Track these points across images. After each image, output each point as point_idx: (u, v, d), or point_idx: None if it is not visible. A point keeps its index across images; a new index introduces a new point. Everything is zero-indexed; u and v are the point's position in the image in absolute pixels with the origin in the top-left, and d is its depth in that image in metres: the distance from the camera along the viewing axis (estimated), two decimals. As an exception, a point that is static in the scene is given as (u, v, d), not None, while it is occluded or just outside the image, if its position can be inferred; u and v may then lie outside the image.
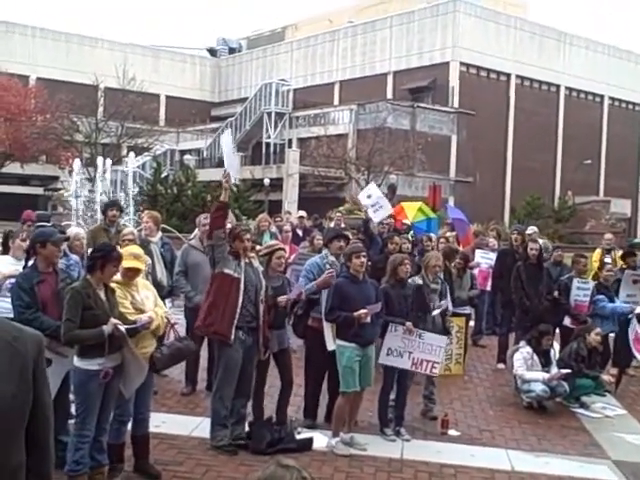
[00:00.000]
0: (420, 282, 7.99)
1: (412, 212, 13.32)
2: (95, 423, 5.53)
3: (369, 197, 11.24)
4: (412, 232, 12.80)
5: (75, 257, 7.79)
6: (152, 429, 6.37)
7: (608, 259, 12.80)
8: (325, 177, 46.46)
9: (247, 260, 6.88)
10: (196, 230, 9.08)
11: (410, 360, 7.44)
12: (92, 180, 29.96)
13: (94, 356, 5.44)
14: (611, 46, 67.20)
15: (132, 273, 5.94)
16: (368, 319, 6.93)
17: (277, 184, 47.35)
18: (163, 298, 7.69)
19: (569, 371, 8.78)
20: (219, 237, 6.71)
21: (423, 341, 7.45)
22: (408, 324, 7.35)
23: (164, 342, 6.26)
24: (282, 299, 7.13)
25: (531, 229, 14.97)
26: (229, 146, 7.92)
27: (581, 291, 10.11)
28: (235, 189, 34.07)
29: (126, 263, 5.88)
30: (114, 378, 5.54)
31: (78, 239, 8.17)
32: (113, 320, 5.42)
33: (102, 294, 5.54)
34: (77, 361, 5.52)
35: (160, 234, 9.03)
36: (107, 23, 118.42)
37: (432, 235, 12.59)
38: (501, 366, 10.70)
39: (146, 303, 5.94)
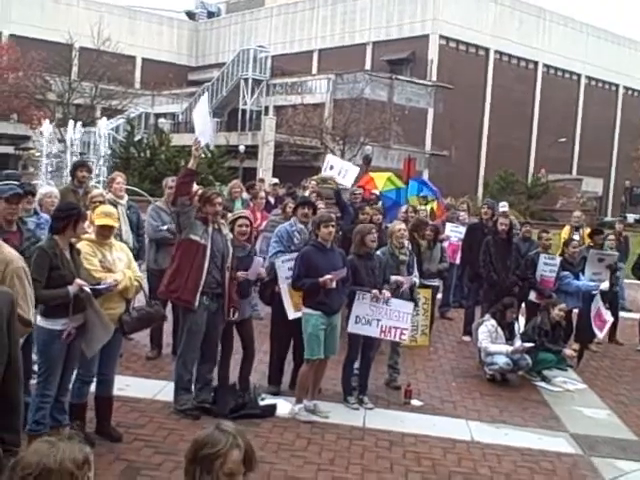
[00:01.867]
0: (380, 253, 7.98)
1: (381, 182, 13.28)
2: (57, 383, 5.51)
3: (332, 168, 11.20)
4: (381, 202, 12.79)
5: (46, 216, 7.66)
6: (116, 392, 6.34)
7: (577, 236, 12.91)
8: (300, 146, 46.31)
9: (216, 226, 6.82)
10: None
11: (379, 328, 7.46)
12: (63, 141, 29.55)
13: (58, 316, 5.40)
14: (589, 25, 67.46)
15: (106, 231, 5.90)
16: (333, 284, 6.93)
17: (252, 151, 47.13)
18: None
19: (532, 344, 8.89)
20: (183, 204, 6.61)
21: (390, 308, 7.47)
22: (374, 291, 7.37)
23: (133, 306, 6.23)
24: (241, 275, 7.10)
25: (503, 205, 15.06)
26: (205, 111, 7.68)
27: (547, 267, 10.19)
28: (210, 155, 33.86)
29: (99, 221, 5.86)
30: (77, 338, 5.50)
31: (50, 197, 8.07)
32: (78, 281, 5.37)
33: (67, 254, 5.48)
34: (40, 321, 5.47)
35: (126, 197, 8.97)
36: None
37: (416, 207, 12.72)
38: (467, 338, 10.80)
39: (117, 264, 5.90)
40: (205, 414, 6.76)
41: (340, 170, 11.11)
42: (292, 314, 7.27)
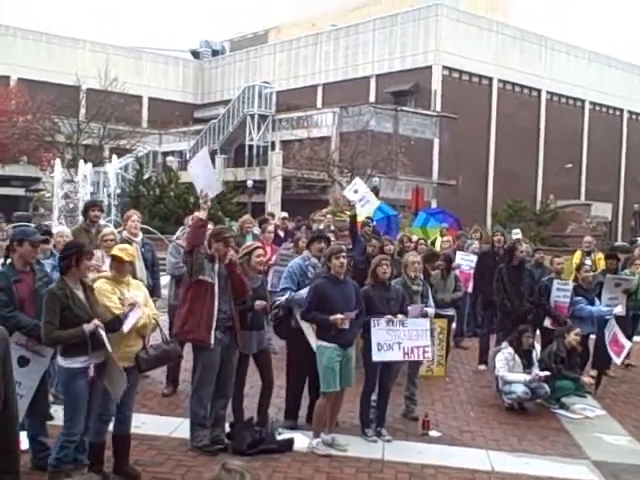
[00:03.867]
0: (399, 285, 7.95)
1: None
2: (84, 423, 5.51)
3: (356, 192, 11.19)
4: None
5: (61, 257, 7.72)
6: (132, 430, 6.31)
7: (588, 261, 12.86)
8: (308, 179, 46.42)
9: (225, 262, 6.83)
10: (179, 230, 9.10)
11: (401, 350, 7.38)
12: (73, 181, 29.79)
13: (77, 354, 5.44)
14: (591, 51, 67.76)
15: (120, 265, 5.92)
16: (346, 325, 6.90)
17: (260, 186, 47.32)
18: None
19: (549, 373, 8.81)
20: (200, 253, 6.67)
21: (407, 328, 7.41)
22: (388, 316, 7.33)
23: (150, 344, 6.24)
24: (259, 305, 7.13)
25: (516, 232, 15.05)
26: (206, 163, 7.51)
27: (561, 292, 10.14)
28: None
29: (113, 252, 5.97)
30: (99, 378, 5.52)
31: (61, 236, 8.12)
32: (96, 321, 5.44)
33: (80, 293, 5.54)
34: (61, 360, 5.53)
35: (141, 235, 9.01)
36: (89, 24, 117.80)
37: (413, 237, 12.61)
38: (482, 367, 10.72)
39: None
40: (222, 450, 6.70)
41: (362, 197, 11.04)
42: (315, 344, 7.22)
